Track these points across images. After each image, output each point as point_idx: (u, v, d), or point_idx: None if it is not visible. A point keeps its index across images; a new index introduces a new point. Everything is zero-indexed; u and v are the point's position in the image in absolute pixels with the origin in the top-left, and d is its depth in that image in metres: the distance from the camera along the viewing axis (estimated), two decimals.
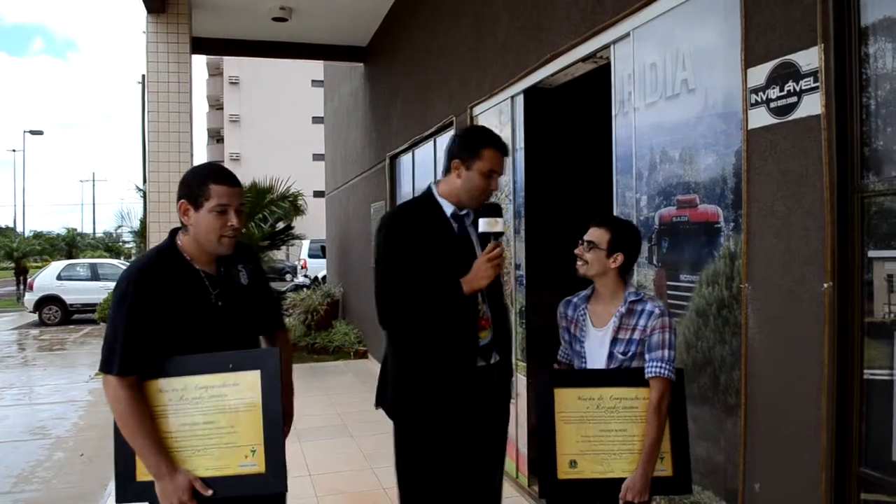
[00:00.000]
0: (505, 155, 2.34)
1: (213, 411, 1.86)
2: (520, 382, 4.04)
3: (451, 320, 2.24)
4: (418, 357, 2.28)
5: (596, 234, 2.16)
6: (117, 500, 1.91)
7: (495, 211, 2.27)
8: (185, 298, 1.90)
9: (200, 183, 1.90)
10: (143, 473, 1.87)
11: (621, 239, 2.15)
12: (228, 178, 1.93)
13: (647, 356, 2.07)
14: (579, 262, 2.19)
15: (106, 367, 1.84)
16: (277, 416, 1.86)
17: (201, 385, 1.87)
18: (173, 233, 2.00)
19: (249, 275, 2.08)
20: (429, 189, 2.40)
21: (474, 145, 2.30)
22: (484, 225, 2.24)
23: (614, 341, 2.13)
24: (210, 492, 1.83)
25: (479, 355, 2.31)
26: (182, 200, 1.91)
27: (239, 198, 1.93)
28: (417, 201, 2.42)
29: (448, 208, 2.33)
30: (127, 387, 1.83)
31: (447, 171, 2.35)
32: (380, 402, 2.42)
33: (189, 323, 1.89)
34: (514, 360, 2.62)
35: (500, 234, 2.24)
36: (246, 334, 2.02)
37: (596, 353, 2.18)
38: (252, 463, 1.85)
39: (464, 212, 2.36)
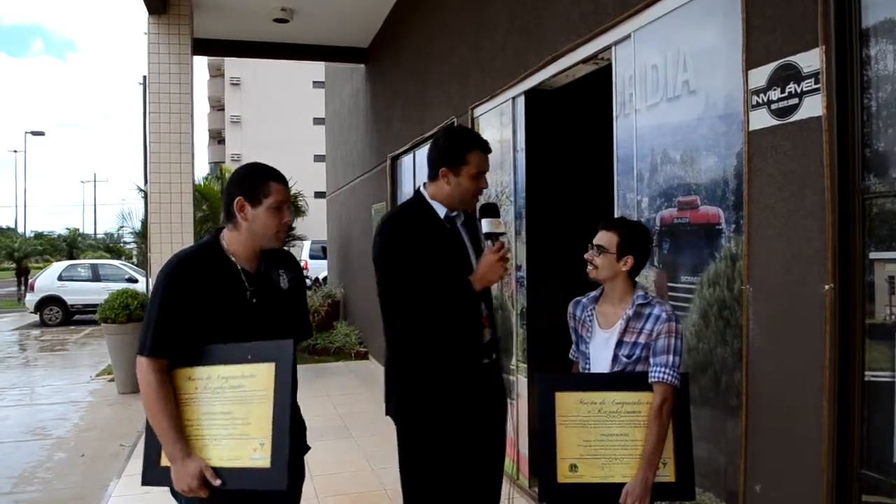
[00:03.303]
0: (489, 153, 2.38)
1: (231, 402, 1.90)
2: (521, 383, 4.04)
3: (458, 318, 2.28)
4: (425, 358, 2.29)
5: (605, 237, 2.15)
6: (142, 483, 1.98)
7: (494, 211, 2.33)
8: (221, 291, 1.95)
9: (261, 181, 1.99)
10: (166, 459, 1.91)
11: (631, 241, 2.14)
12: (284, 178, 2.05)
13: (651, 360, 2.06)
14: (589, 267, 2.18)
15: (139, 349, 1.92)
16: (286, 409, 1.87)
17: (223, 375, 1.91)
18: (217, 231, 2.07)
19: (290, 282, 2.14)
20: (419, 194, 2.43)
21: (459, 151, 2.33)
22: (487, 225, 2.29)
23: (619, 343, 2.12)
24: (219, 482, 1.86)
25: (483, 353, 2.35)
26: (239, 197, 1.97)
27: (289, 196, 2.07)
28: (410, 206, 2.44)
29: (441, 210, 2.37)
30: (156, 370, 1.89)
31: (434, 177, 2.38)
32: (389, 410, 2.42)
33: (221, 315, 1.94)
34: (514, 359, 2.64)
35: (503, 233, 2.31)
36: (279, 334, 2.04)
37: (600, 355, 2.17)
38: (260, 456, 1.85)
39: (454, 213, 2.38)
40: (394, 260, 2.28)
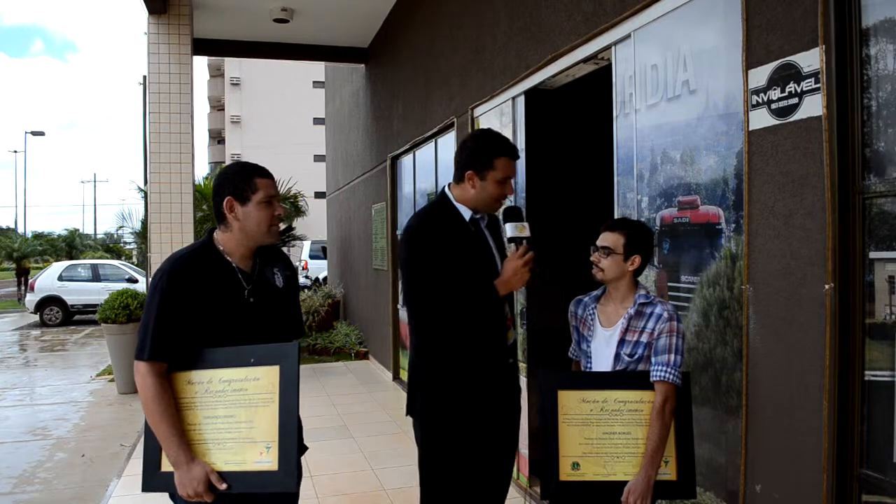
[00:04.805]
0: (517, 159, 2.35)
1: (234, 405, 1.88)
2: (521, 384, 4.03)
3: (486, 321, 2.28)
4: (452, 358, 2.28)
5: (610, 238, 2.15)
6: (143, 489, 1.96)
7: (518, 215, 2.30)
8: (218, 291, 1.94)
9: (246, 178, 1.99)
10: (168, 464, 1.90)
11: (637, 241, 2.14)
12: (268, 172, 2.06)
13: (653, 360, 2.07)
14: (595, 269, 2.18)
15: (137, 354, 1.89)
16: (293, 412, 1.86)
17: (225, 378, 1.90)
18: (210, 231, 2.06)
19: (285, 280, 2.13)
20: (444, 195, 2.40)
21: (487, 155, 2.29)
22: (512, 230, 2.27)
23: (621, 342, 2.13)
24: (225, 485, 1.85)
25: (508, 354, 2.37)
26: (228, 197, 1.97)
27: (277, 189, 2.08)
28: (436, 209, 2.40)
29: (466, 213, 2.34)
30: (155, 374, 1.88)
31: (460, 179, 2.34)
32: (410, 411, 2.40)
33: (220, 316, 1.93)
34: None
35: (528, 238, 2.27)
36: (276, 332, 2.04)
37: (602, 354, 2.18)
38: (266, 459, 1.85)
39: (479, 215, 2.38)
40: (420, 268, 2.25)
